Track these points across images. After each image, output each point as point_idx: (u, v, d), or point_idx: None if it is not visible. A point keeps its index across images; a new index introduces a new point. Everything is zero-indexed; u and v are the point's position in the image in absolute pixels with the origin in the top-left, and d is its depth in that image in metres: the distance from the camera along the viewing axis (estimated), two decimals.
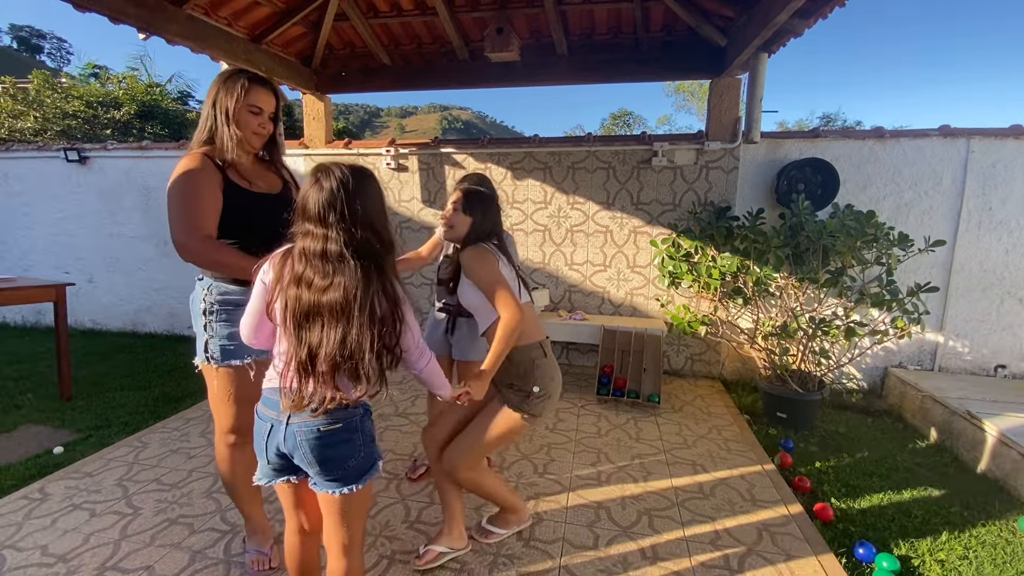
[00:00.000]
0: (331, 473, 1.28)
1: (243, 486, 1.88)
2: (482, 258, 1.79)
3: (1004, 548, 2.16)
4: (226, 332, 1.73)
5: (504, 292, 1.73)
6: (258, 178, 1.79)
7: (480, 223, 1.88)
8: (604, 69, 4.09)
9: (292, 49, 4.18)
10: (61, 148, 5.16)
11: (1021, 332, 3.76)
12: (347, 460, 1.29)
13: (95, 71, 13.73)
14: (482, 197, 1.92)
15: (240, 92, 1.68)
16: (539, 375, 1.84)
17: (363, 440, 1.31)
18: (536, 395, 1.82)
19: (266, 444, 1.31)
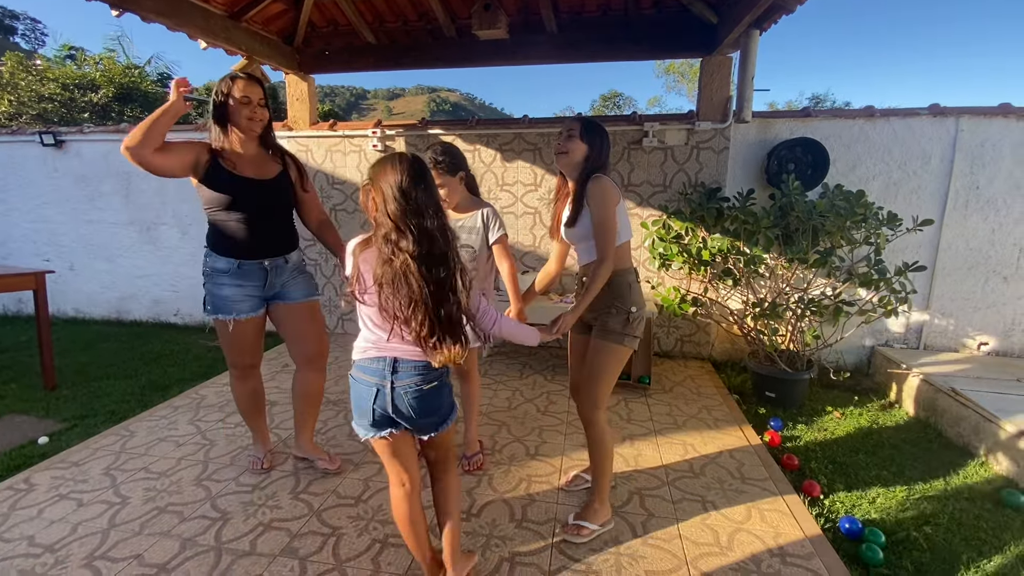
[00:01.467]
0: (428, 419, 1.51)
1: (245, 407, 2.40)
2: (608, 192, 1.84)
3: (987, 521, 2.21)
4: (215, 292, 2.15)
5: (612, 239, 1.84)
6: (249, 164, 2.10)
7: (598, 153, 1.92)
8: (594, 47, 4.02)
9: (273, 27, 4.06)
10: (36, 132, 5.00)
11: (1005, 310, 3.82)
12: (440, 409, 1.53)
13: (71, 53, 13.31)
14: (601, 128, 1.96)
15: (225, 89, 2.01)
16: (635, 296, 1.95)
17: (448, 391, 1.57)
18: (635, 315, 1.92)
19: (372, 406, 1.48)
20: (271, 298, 2.27)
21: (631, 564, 1.87)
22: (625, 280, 1.96)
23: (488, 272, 2.39)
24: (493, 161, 4.32)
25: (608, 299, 1.94)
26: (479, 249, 2.27)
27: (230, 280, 2.14)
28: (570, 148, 1.92)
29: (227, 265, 2.13)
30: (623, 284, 1.95)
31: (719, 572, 1.84)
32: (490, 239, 2.26)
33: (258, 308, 2.22)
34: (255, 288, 2.19)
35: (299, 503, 2.21)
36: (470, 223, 2.26)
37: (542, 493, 2.30)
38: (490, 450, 2.68)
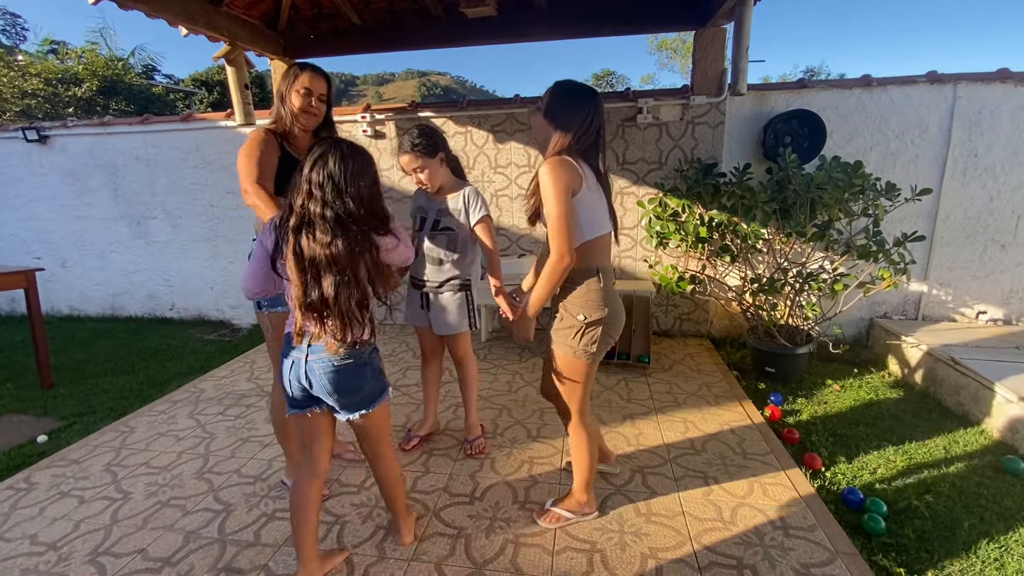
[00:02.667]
0: (347, 399, 1.53)
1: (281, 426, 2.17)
2: (555, 178, 1.55)
3: (988, 488, 2.22)
4: None
5: (563, 232, 1.56)
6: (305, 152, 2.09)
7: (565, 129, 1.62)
8: (585, 23, 3.92)
9: (255, 11, 3.94)
10: (19, 128, 4.90)
11: (1003, 278, 3.81)
12: (360, 389, 1.54)
13: (53, 47, 13.03)
14: (572, 97, 1.65)
15: (291, 78, 1.98)
16: (586, 302, 1.70)
17: (372, 372, 1.56)
18: (582, 324, 1.70)
19: (289, 378, 1.53)
20: None
21: (635, 542, 1.87)
22: (581, 282, 1.71)
23: (473, 256, 2.35)
24: (486, 143, 4.25)
25: (560, 303, 1.77)
26: (459, 231, 2.23)
27: None
28: (533, 124, 1.72)
29: None
30: (578, 287, 1.72)
31: (722, 546, 1.84)
32: (471, 220, 2.21)
33: None
34: None
35: None
36: (451, 205, 2.22)
37: (544, 474, 2.31)
38: (491, 433, 2.68)
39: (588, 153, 1.69)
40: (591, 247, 1.70)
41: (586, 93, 1.67)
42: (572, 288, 1.72)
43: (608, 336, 1.75)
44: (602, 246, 1.74)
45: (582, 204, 1.63)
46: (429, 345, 2.50)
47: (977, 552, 1.85)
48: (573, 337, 1.72)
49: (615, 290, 1.80)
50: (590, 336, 1.71)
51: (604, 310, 1.70)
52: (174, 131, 4.70)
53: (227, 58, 3.76)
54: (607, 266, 1.76)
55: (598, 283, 1.71)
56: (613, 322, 1.75)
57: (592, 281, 1.70)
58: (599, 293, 1.71)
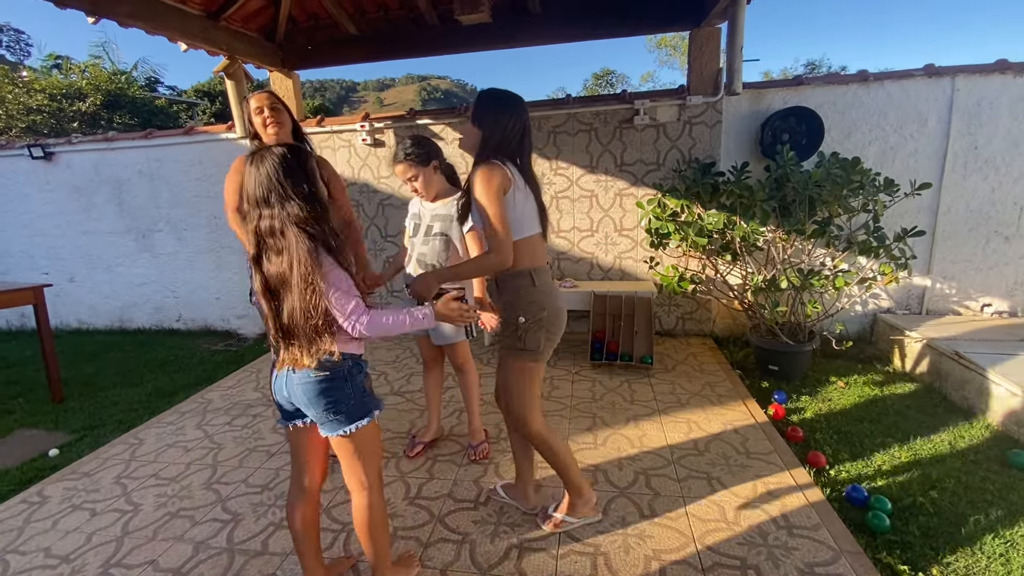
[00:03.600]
0: (328, 415, 1.45)
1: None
2: (488, 179, 1.61)
3: (994, 482, 2.21)
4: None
5: (497, 229, 1.61)
6: None
7: (489, 134, 1.68)
8: (581, 26, 3.95)
9: (253, 24, 4.00)
10: (25, 145, 4.97)
11: (1007, 270, 3.79)
12: (339, 405, 1.45)
13: (57, 62, 13.19)
14: (498, 103, 1.71)
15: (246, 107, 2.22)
16: (527, 303, 1.73)
17: (353, 390, 1.47)
18: (522, 326, 1.73)
19: (275, 389, 1.53)
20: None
21: (639, 544, 1.88)
22: (517, 283, 1.74)
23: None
24: None
25: (501, 305, 1.80)
26: (453, 237, 2.25)
27: None
28: (463, 133, 1.75)
29: None
30: (514, 288, 1.74)
31: (726, 547, 1.85)
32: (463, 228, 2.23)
33: None
34: None
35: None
36: (443, 211, 2.25)
37: (548, 479, 2.32)
38: (495, 438, 2.70)
39: (516, 154, 1.73)
40: (520, 247, 1.71)
41: (510, 98, 1.73)
42: (509, 291, 1.76)
43: (550, 335, 1.78)
44: (533, 246, 1.75)
45: (510, 205, 1.67)
46: (429, 353, 2.52)
47: (982, 548, 1.85)
48: (515, 338, 1.76)
49: (554, 289, 1.82)
50: (531, 338, 1.75)
51: (543, 310, 1.74)
52: (176, 145, 4.76)
53: (226, 72, 3.82)
54: (540, 266, 1.78)
55: (532, 284, 1.73)
56: (554, 320, 1.78)
57: (526, 283, 1.73)
58: (534, 293, 1.73)
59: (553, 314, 1.77)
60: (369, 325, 1.40)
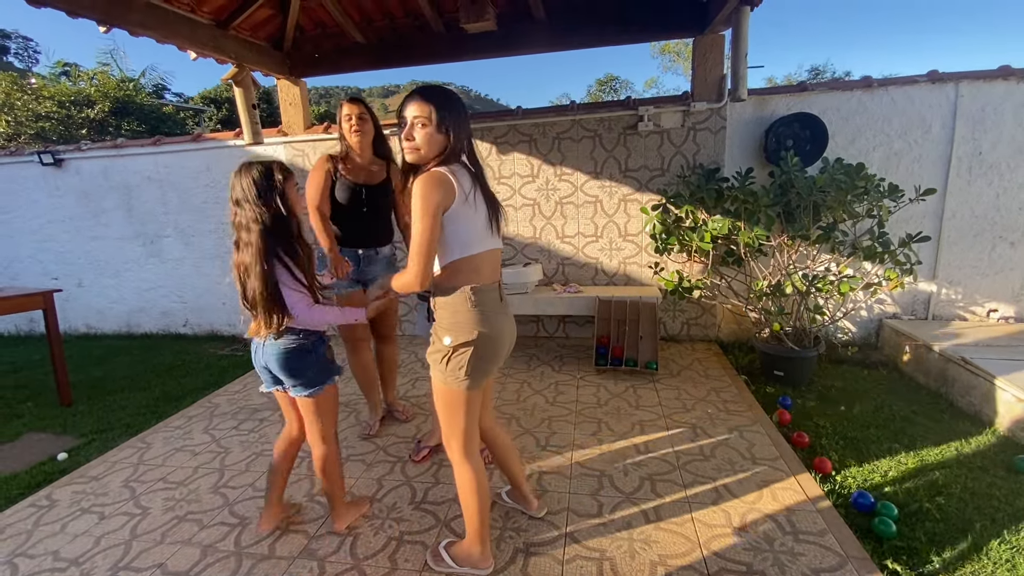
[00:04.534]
0: (294, 380, 1.84)
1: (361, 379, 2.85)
2: (425, 187, 1.46)
3: (1000, 488, 2.21)
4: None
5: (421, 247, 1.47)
6: (364, 173, 2.59)
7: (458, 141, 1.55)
8: (585, 33, 3.98)
9: (261, 33, 4.05)
10: (35, 152, 5.04)
11: (1013, 275, 3.78)
12: (305, 372, 1.83)
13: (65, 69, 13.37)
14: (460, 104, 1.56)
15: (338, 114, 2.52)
16: (452, 323, 1.57)
17: (316, 359, 1.85)
18: (450, 347, 1.57)
19: (255, 361, 1.89)
20: (365, 283, 2.71)
21: (644, 549, 1.89)
22: (451, 301, 1.58)
23: None
24: (489, 154, 4.31)
25: (435, 319, 1.65)
26: None
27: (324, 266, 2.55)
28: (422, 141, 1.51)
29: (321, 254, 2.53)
30: (448, 304, 1.59)
31: (732, 552, 1.85)
32: None
33: (354, 286, 2.67)
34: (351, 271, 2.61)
35: (315, 505, 2.25)
36: None
37: (554, 484, 2.32)
38: None
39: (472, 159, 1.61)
40: (461, 265, 1.57)
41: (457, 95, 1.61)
42: (441, 307, 1.61)
43: (481, 361, 1.59)
44: (479, 264, 1.59)
45: (454, 219, 1.52)
46: None
47: (989, 554, 1.84)
48: (441, 361, 1.60)
49: (497, 310, 1.63)
50: (456, 361, 1.57)
51: (474, 332, 1.56)
52: (185, 151, 4.81)
53: (235, 79, 3.86)
54: (487, 285, 1.60)
55: (468, 303, 1.56)
56: (488, 345, 1.59)
57: (461, 301, 1.57)
58: (469, 314, 1.57)
59: (487, 339, 1.58)
60: (304, 313, 1.77)
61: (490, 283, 1.63)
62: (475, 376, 1.60)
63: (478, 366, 1.60)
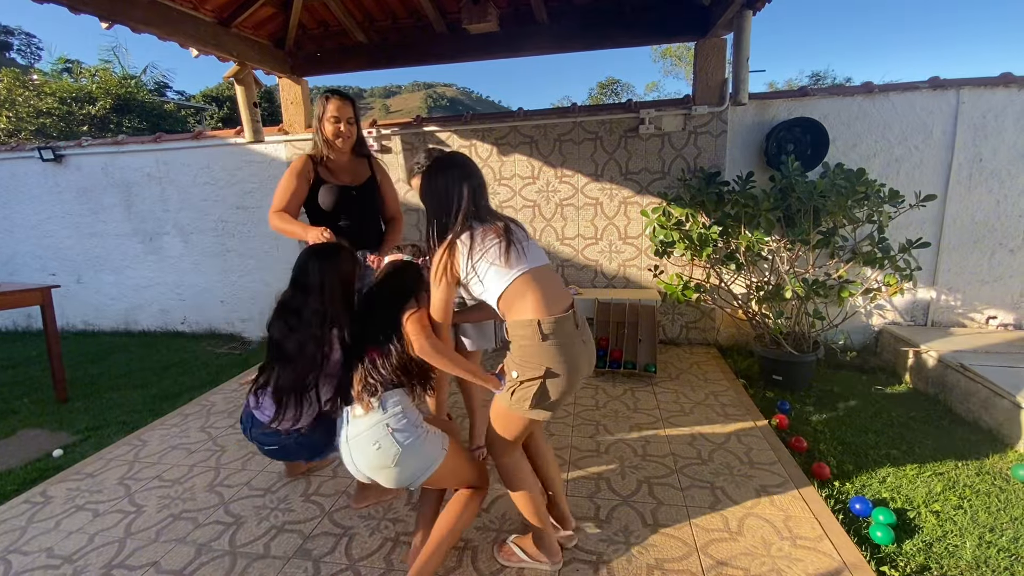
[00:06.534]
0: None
1: None
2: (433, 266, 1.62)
3: (998, 496, 2.20)
4: None
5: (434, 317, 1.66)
6: (346, 173, 2.41)
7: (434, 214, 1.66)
8: (587, 36, 3.98)
9: (263, 31, 4.05)
10: (35, 148, 5.03)
11: (1012, 282, 3.78)
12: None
13: (67, 66, 13.38)
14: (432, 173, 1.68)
15: (320, 108, 2.28)
16: (520, 358, 1.55)
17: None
18: (516, 380, 1.56)
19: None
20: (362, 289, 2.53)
21: (641, 553, 1.88)
22: (519, 333, 1.54)
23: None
24: (490, 156, 4.31)
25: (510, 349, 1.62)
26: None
27: None
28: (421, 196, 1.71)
29: None
30: (517, 337, 1.56)
31: (729, 557, 1.84)
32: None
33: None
34: None
35: (311, 505, 2.24)
36: None
37: None
38: None
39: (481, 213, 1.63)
40: (509, 299, 1.55)
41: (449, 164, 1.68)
42: (512, 338, 1.58)
43: (548, 395, 1.56)
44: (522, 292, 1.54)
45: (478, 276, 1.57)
46: None
47: (987, 561, 1.84)
48: (507, 391, 1.60)
49: (577, 339, 1.59)
50: (522, 394, 1.55)
51: (541, 369, 1.52)
52: (185, 149, 4.81)
53: (236, 78, 3.86)
54: (555, 317, 1.53)
55: (537, 336, 1.50)
56: (559, 381, 1.55)
57: (529, 334, 1.52)
58: (538, 348, 1.52)
59: (556, 375, 1.54)
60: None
61: (562, 314, 1.55)
62: (540, 409, 1.58)
63: (544, 399, 1.56)
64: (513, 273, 1.55)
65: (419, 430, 1.65)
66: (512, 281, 1.54)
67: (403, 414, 1.63)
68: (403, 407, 1.64)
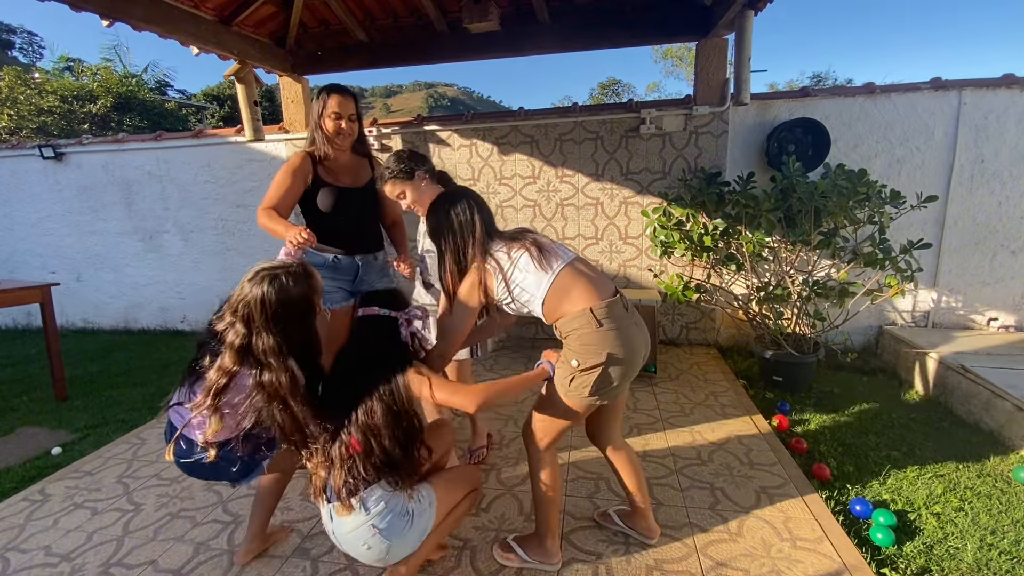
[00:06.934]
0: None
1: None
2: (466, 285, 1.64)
3: (999, 499, 2.19)
4: None
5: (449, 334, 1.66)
6: (347, 173, 2.29)
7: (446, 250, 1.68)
8: (588, 35, 3.98)
9: (264, 29, 4.04)
10: (36, 146, 5.03)
11: (1013, 284, 3.77)
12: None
13: (69, 64, 13.37)
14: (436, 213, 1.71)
15: (321, 104, 2.16)
16: (579, 346, 1.56)
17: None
18: (576, 368, 1.56)
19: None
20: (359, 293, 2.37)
21: (641, 553, 1.87)
22: (573, 325, 1.56)
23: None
24: (490, 155, 4.30)
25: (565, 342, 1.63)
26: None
27: (326, 273, 2.24)
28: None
29: (323, 260, 2.26)
30: (571, 329, 1.57)
31: (729, 558, 1.83)
32: None
33: (348, 299, 2.36)
34: (346, 282, 2.36)
35: (309, 505, 2.23)
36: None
37: None
38: (497, 444, 2.69)
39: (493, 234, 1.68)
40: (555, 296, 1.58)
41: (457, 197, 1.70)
42: (567, 331, 1.59)
43: (609, 379, 1.58)
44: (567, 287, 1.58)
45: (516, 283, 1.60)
46: None
47: (988, 564, 1.83)
48: (565, 378, 1.61)
49: (628, 324, 1.61)
50: (581, 381, 1.57)
51: (602, 355, 1.54)
52: (186, 147, 4.80)
53: (237, 76, 3.85)
54: (606, 302, 1.56)
55: (590, 324, 1.54)
56: (618, 364, 1.57)
57: (585, 323, 1.55)
58: (593, 336, 1.54)
59: (618, 360, 1.56)
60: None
61: (611, 299, 1.59)
62: (600, 393, 1.59)
63: (605, 384, 1.58)
64: (552, 273, 1.58)
65: (405, 517, 1.54)
66: (553, 280, 1.58)
67: (387, 510, 1.51)
68: (386, 503, 1.51)
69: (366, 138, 2.37)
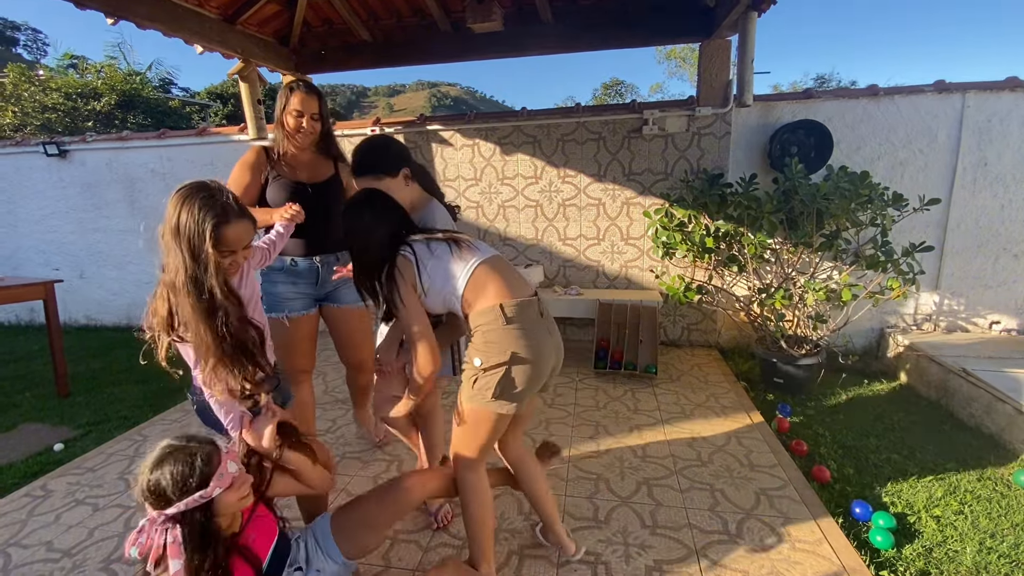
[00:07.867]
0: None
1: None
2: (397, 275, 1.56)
3: (999, 502, 2.19)
4: (269, 290, 2.17)
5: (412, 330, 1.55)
6: (306, 169, 2.20)
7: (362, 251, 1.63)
8: (591, 36, 3.97)
9: (268, 28, 4.05)
10: (40, 143, 5.05)
11: (1016, 287, 3.76)
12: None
13: (73, 62, 13.41)
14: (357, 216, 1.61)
15: (283, 100, 2.10)
16: (483, 344, 1.50)
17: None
18: (479, 368, 1.50)
19: None
20: (323, 299, 2.32)
21: (640, 554, 1.87)
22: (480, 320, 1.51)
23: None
24: (493, 155, 4.30)
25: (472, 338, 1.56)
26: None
27: (284, 278, 2.18)
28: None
29: (281, 263, 2.17)
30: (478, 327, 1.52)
31: (728, 560, 1.84)
32: None
33: (311, 307, 2.25)
34: (308, 286, 2.23)
35: None
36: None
37: (550, 485, 2.31)
38: None
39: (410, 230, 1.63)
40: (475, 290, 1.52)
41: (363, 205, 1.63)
42: (474, 330, 1.54)
43: (514, 383, 1.50)
44: (483, 282, 1.52)
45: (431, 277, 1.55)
46: None
47: (987, 567, 1.83)
48: (468, 381, 1.54)
49: (542, 328, 1.56)
50: (484, 382, 1.50)
51: (506, 353, 1.47)
52: (189, 145, 4.82)
53: (240, 74, 3.87)
54: (520, 300, 1.51)
55: (500, 320, 1.48)
56: (522, 364, 1.49)
57: (492, 320, 1.49)
58: (502, 332, 1.48)
59: (523, 360, 1.49)
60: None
61: (525, 298, 1.54)
62: (504, 400, 1.51)
63: (509, 388, 1.50)
64: (471, 264, 1.54)
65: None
66: (472, 272, 1.53)
67: None
68: None
69: (335, 139, 2.25)
